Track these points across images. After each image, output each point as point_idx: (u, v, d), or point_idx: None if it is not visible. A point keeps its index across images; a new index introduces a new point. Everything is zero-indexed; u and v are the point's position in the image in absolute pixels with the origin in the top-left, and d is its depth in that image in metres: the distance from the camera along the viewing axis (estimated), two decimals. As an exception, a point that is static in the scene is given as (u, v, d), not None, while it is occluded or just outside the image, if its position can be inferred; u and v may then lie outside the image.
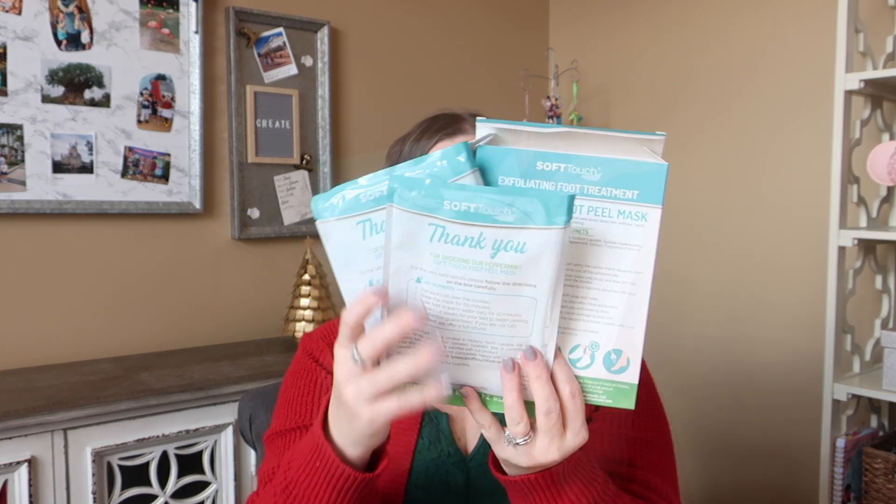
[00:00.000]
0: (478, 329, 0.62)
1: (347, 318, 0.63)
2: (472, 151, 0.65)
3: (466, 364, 0.64)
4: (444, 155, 0.63)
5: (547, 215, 0.59)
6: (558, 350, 0.64)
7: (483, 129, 0.64)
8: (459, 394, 0.66)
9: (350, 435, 0.67)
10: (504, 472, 0.70)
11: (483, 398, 0.66)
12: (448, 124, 0.95)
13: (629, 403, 0.64)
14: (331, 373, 0.93)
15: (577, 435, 0.64)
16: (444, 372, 0.64)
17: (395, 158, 0.96)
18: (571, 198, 0.59)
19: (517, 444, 0.65)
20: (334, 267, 0.65)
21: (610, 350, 0.64)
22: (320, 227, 0.65)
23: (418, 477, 0.91)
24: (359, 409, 0.64)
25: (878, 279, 2.05)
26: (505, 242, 0.59)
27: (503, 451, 0.66)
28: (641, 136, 0.62)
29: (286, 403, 0.95)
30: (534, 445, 0.64)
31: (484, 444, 0.92)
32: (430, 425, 0.94)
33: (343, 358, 0.65)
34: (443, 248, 0.60)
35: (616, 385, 0.64)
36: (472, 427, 0.94)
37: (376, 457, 0.71)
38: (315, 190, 2.36)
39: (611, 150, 0.63)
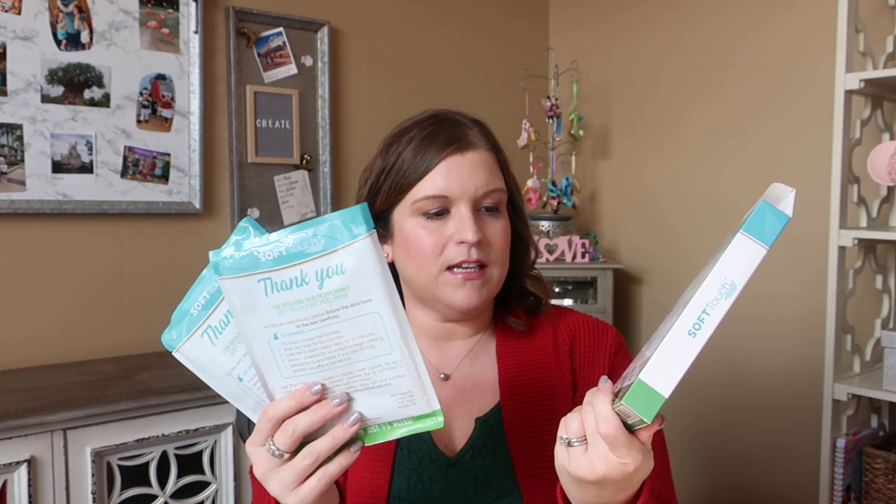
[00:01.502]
0: (345, 361, 0.65)
1: (274, 413, 0.66)
2: (257, 224, 0.69)
3: (354, 399, 0.67)
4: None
5: (348, 230, 0.62)
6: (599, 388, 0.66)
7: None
8: (363, 431, 0.68)
9: None
10: None
11: (382, 429, 0.68)
12: (455, 137, 0.92)
13: (628, 401, 0.65)
14: None
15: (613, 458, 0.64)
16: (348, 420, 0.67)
17: (393, 158, 0.93)
18: (364, 207, 0.62)
19: (570, 443, 0.66)
20: (208, 382, 0.71)
21: (648, 357, 0.66)
22: (177, 356, 0.72)
23: (399, 489, 0.90)
24: (286, 499, 0.68)
25: (879, 279, 2.05)
26: (325, 270, 0.63)
27: (560, 455, 0.68)
28: None
29: None
30: (583, 449, 0.66)
31: (472, 445, 0.92)
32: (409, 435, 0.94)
33: (258, 454, 0.68)
34: (278, 298, 0.64)
35: (632, 385, 0.66)
36: (460, 429, 0.93)
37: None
38: (315, 190, 2.36)
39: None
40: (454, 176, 0.90)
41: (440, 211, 0.91)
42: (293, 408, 0.66)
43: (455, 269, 0.90)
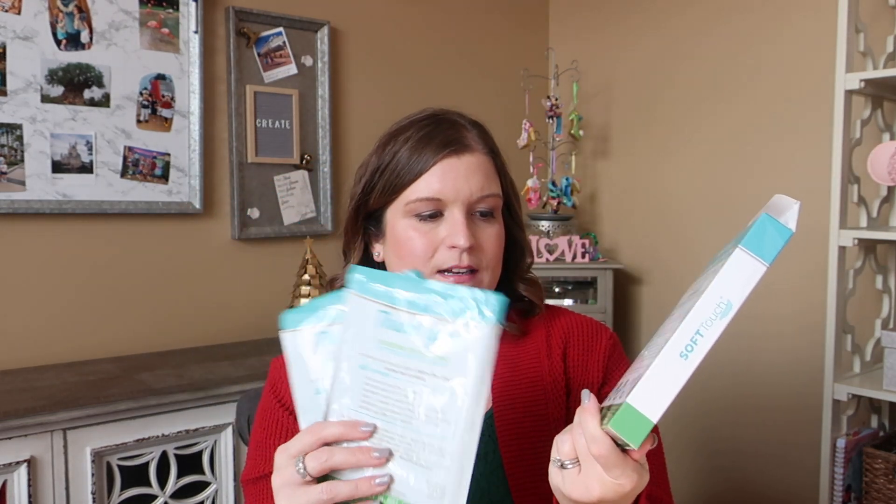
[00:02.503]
0: (407, 423, 0.65)
1: (321, 433, 0.67)
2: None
3: (392, 459, 0.66)
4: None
5: (479, 311, 0.63)
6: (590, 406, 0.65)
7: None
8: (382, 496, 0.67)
9: None
10: None
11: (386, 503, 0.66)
12: (452, 139, 0.91)
13: (614, 424, 0.63)
14: (292, 413, 0.92)
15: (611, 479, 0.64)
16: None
17: (388, 157, 0.92)
18: (503, 301, 0.63)
19: (562, 465, 0.66)
20: (291, 375, 0.73)
21: (638, 375, 0.64)
22: (282, 335, 0.74)
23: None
24: None
25: (879, 279, 2.05)
26: (439, 332, 0.64)
27: (554, 477, 0.67)
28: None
29: (256, 447, 0.95)
30: (575, 471, 0.65)
31: None
32: None
33: (286, 464, 0.69)
34: (386, 334, 0.66)
35: (619, 406, 0.63)
36: None
37: None
38: (315, 190, 2.36)
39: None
40: (449, 179, 0.89)
41: (433, 213, 0.90)
42: (339, 436, 0.67)
43: (446, 273, 0.89)
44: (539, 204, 2.54)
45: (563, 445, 0.66)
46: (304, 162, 2.33)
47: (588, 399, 0.65)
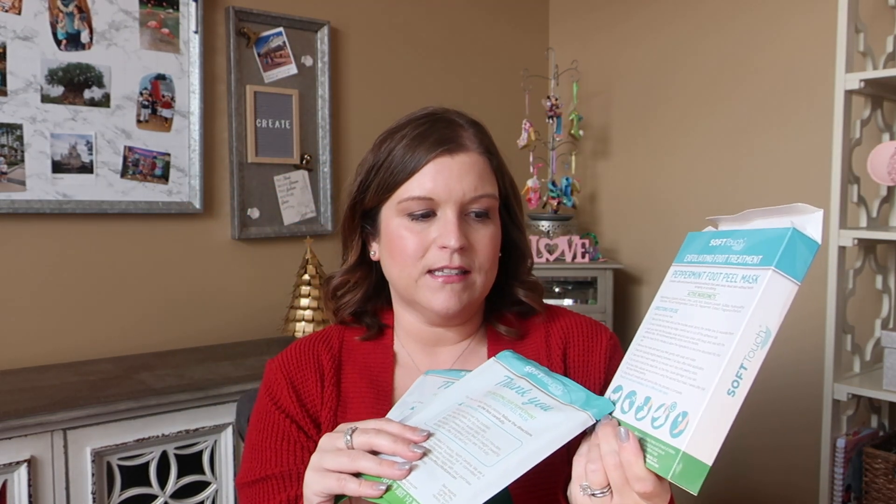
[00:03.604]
0: (461, 442, 0.67)
1: (383, 427, 0.70)
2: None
3: (423, 461, 0.68)
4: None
5: (585, 406, 0.68)
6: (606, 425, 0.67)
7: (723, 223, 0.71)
8: (395, 484, 0.68)
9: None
10: None
11: (408, 497, 0.66)
12: (447, 137, 0.90)
13: (665, 471, 0.61)
14: (289, 416, 0.92)
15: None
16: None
17: (383, 155, 0.92)
18: (609, 406, 0.67)
19: (593, 494, 0.66)
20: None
21: (680, 412, 0.61)
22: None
23: None
24: (311, 474, 0.72)
25: (879, 279, 2.05)
26: (541, 401, 0.69)
27: (581, 502, 0.68)
28: (797, 207, 0.61)
29: (251, 449, 0.94)
30: (608, 499, 0.66)
31: None
32: None
33: (337, 434, 0.72)
34: (500, 390, 0.73)
35: (665, 448, 0.61)
36: None
37: None
38: (315, 190, 2.36)
39: (768, 221, 0.63)
40: (441, 178, 0.88)
41: (425, 213, 0.89)
42: (397, 433, 0.69)
43: (436, 273, 0.88)
44: (539, 204, 2.54)
45: (593, 476, 0.65)
46: (304, 162, 2.33)
47: (627, 438, 0.64)
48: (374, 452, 0.70)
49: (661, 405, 0.62)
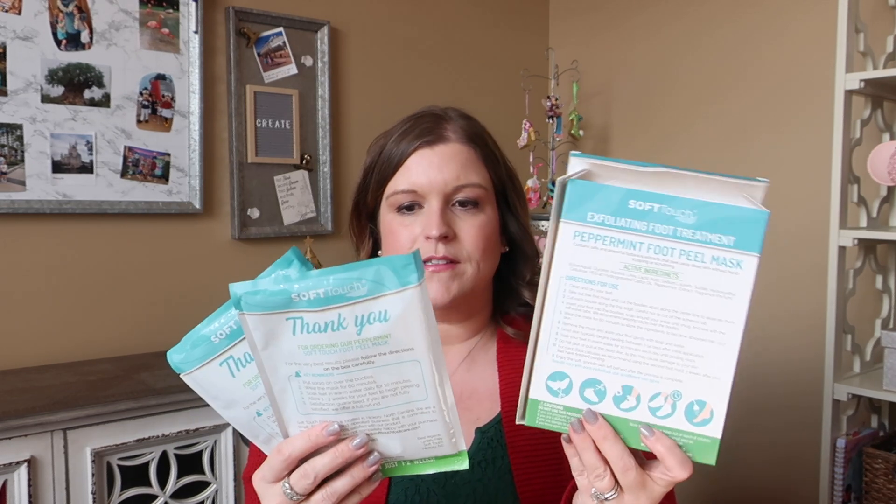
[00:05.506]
0: (372, 406, 0.62)
1: (290, 452, 0.64)
2: (303, 257, 0.66)
3: (375, 440, 0.65)
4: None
5: (398, 278, 0.59)
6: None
7: (577, 163, 0.62)
8: (382, 466, 0.67)
9: None
10: None
11: (402, 465, 0.66)
12: (429, 130, 0.91)
13: (710, 458, 0.62)
14: None
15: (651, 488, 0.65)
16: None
17: (376, 154, 0.93)
18: (416, 255, 0.59)
19: (605, 498, 0.65)
20: (218, 410, 0.68)
21: (693, 400, 0.62)
22: (186, 380, 0.67)
23: (397, 501, 0.88)
24: None
25: (879, 279, 2.05)
26: (367, 316, 0.60)
27: None
28: (741, 181, 0.61)
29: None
30: (622, 500, 0.65)
31: (472, 457, 0.88)
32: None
33: (271, 493, 0.66)
34: (307, 339, 0.60)
35: (697, 438, 0.62)
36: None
37: None
38: (315, 190, 2.36)
39: (707, 193, 0.61)
40: (422, 170, 0.89)
41: (411, 205, 0.90)
42: (308, 448, 0.64)
43: (427, 265, 0.88)
44: (539, 204, 2.54)
45: (598, 482, 0.64)
46: (304, 162, 2.33)
47: (652, 434, 0.63)
48: (338, 471, 0.65)
49: (657, 394, 0.62)
